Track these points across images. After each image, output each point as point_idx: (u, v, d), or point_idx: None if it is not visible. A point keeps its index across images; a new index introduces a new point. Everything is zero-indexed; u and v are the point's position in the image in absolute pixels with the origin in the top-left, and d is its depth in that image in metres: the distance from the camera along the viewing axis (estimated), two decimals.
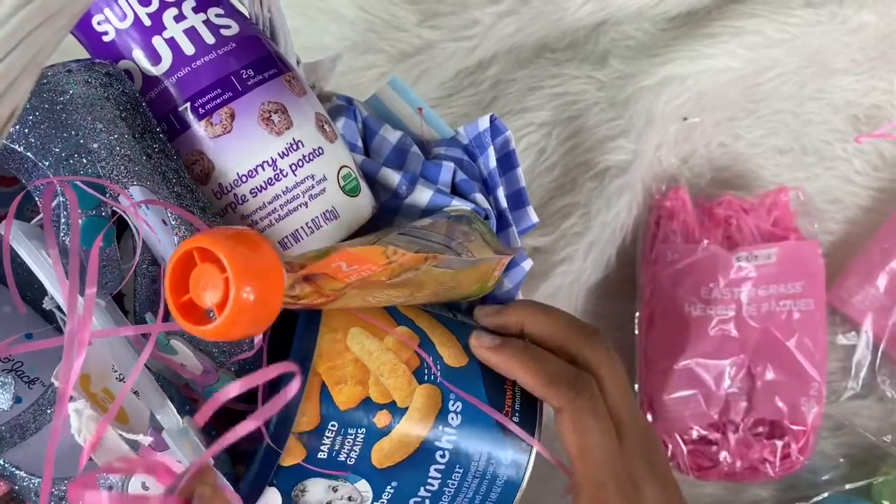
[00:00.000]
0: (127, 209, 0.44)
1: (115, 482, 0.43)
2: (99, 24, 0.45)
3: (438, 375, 0.46)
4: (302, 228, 0.48)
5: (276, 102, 0.46)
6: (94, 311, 0.42)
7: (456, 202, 0.51)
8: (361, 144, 0.53)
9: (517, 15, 0.69)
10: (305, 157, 0.47)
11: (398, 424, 0.45)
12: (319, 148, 0.47)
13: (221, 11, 0.47)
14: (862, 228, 0.71)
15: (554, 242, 0.68)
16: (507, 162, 0.53)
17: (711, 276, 0.66)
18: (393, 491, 0.45)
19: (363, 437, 0.44)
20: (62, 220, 0.43)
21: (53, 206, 0.44)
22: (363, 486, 0.45)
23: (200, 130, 0.46)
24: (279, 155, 0.46)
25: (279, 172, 0.46)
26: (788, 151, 0.71)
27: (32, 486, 0.44)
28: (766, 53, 0.68)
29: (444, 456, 0.46)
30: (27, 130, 0.42)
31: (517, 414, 0.48)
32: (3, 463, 0.44)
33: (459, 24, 0.68)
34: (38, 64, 0.26)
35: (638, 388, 0.68)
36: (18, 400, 0.45)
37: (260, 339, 0.44)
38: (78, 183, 0.43)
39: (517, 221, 0.53)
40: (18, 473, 0.44)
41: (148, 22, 0.45)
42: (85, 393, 0.40)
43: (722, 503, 0.70)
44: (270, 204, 0.47)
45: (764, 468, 0.65)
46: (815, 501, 0.67)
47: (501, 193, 0.53)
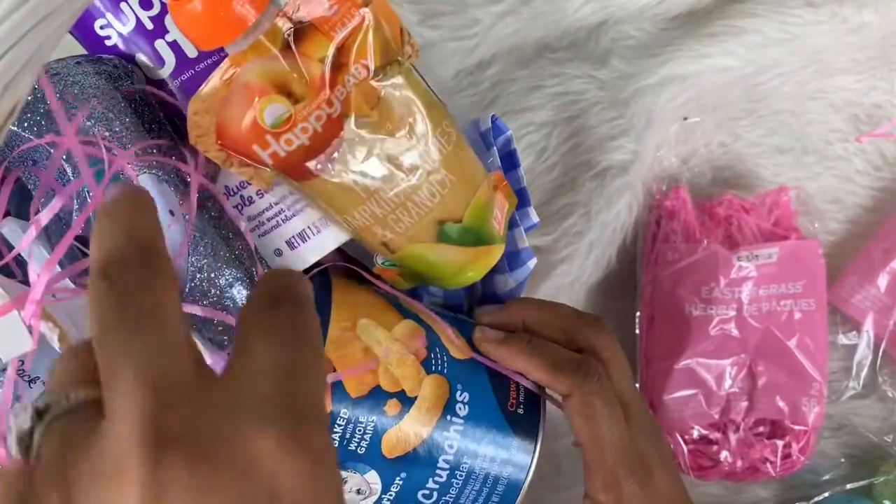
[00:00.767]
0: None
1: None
2: (101, 28, 0.45)
3: (445, 366, 0.46)
4: (309, 228, 0.48)
5: None
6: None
7: None
8: None
9: (517, 14, 0.68)
10: None
11: (408, 414, 0.45)
12: None
13: None
14: (863, 228, 0.71)
15: (554, 242, 0.68)
16: (508, 161, 0.53)
17: (712, 275, 0.66)
18: (402, 483, 0.45)
19: (374, 425, 0.44)
20: (74, 206, 0.43)
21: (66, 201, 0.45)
22: (372, 477, 0.45)
23: None
24: None
25: None
26: (789, 151, 0.71)
27: None
28: (766, 53, 0.68)
29: (452, 447, 0.46)
30: (39, 118, 0.43)
31: (522, 406, 0.48)
32: None
33: (460, 23, 0.68)
34: (38, 60, 0.26)
35: (638, 387, 0.68)
36: (18, 398, 0.45)
37: None
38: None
39: (522, 219, 0.53)
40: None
41: (150, 25, 0.45)
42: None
43: (722, 503, 0.70)
44: (277, 205, 0.47)
45: (765, 468, 0.65)
46: (816, 501, 0.67)
47: None
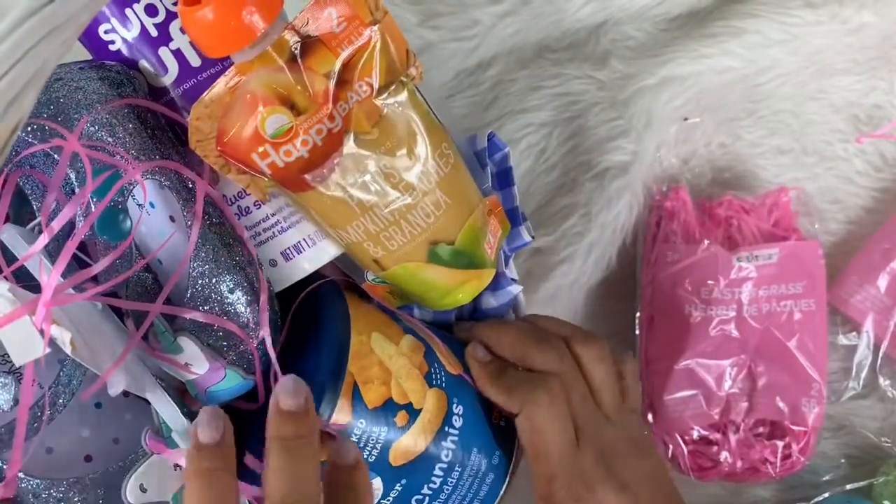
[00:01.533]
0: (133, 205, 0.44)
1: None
2: (106, 33, 0.45)
3: (443, 381, 0.48)
4: (304, 240, 0.48)
5: None
6: (91, 310, 0.43)
7: None
8: None
9: (517, 15, 0.68)
10: None
11: (414, 425, 0.46)
12: None
13: None
14: (863, 229, 0.71)
15: (554, 243, 0.68)
16: (503, 179, 0.54)
17: (712, 276, 0.66)
18: (400, 489, 0.47)
19: (385, 435, 0.46)
20: (78, 211, 0.43)
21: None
22: (376, 483, 0.46)
23: None
24: None
25: None
26: (789, 152, 0.71)
27: (31, 487, 0.44)
28: (766, 54, 0.68)
29: (447, 456, 0.48)
30: (43, 122, 0.43)
31: (503, 419, 0.51)
32: (2, 465, 0.44)
33: (460, 24, 0.68)
34: (42, 75, 0.26)
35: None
36: (16, 402, 0.45)
37: (267, 330, 0.45)
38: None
39: (511, 240, 0.53)
40: (18, 475, 0.44)
41: (155, 32, 0.45)
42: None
43: (722, 503, 0.70)
44: (273, 216, 0.47)
45: (765, 468, 0.65)
46: (816, 502, 0.67)
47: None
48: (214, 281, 0.44)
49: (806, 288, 0.65)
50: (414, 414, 0.46)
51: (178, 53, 0.45)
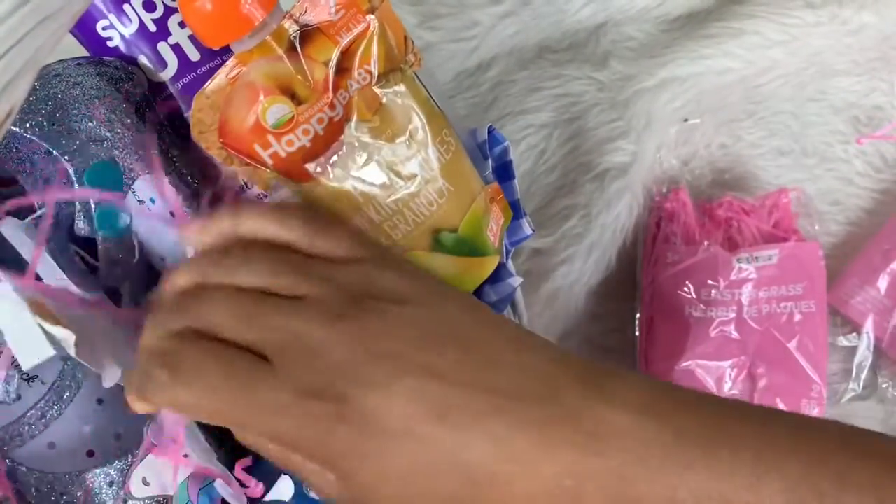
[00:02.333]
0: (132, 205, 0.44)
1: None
2: (104, 29, 0.45)
3: None
4: None
5: None
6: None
7: None
8: None
9: (517, 16, 0.69)
10: None
11: None
12: None
13: None
14: (863, 230, 0.71)
15: (555, 244, 0.68)
16: (504, 172, 0.53)
17: (712, 277, 0.66)
18: None
19: None
20: (77, 207, 0.43)
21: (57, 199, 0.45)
22: None
23: None
24: None
25: None
26: (789, 153, 0.71)
27: (32, 480, 0.44)
28: (765, 55, 0.68)
29: None
30: (41, 119, 0.43)
31: None
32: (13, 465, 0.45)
33: (459, 25, 0.68)
34: (37, 62, 0.26)
35: None
36: (19, 397, 0.45)
37: None
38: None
39: (512, 233, 0.53)
40: (20, 469, 0.44)
41: (153, 28, 0.45)
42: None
43: None
44: None
45: None
46: None
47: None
48: None
49: (806, 289, 0.65)
50: None
51: (176, 48, 0.45)
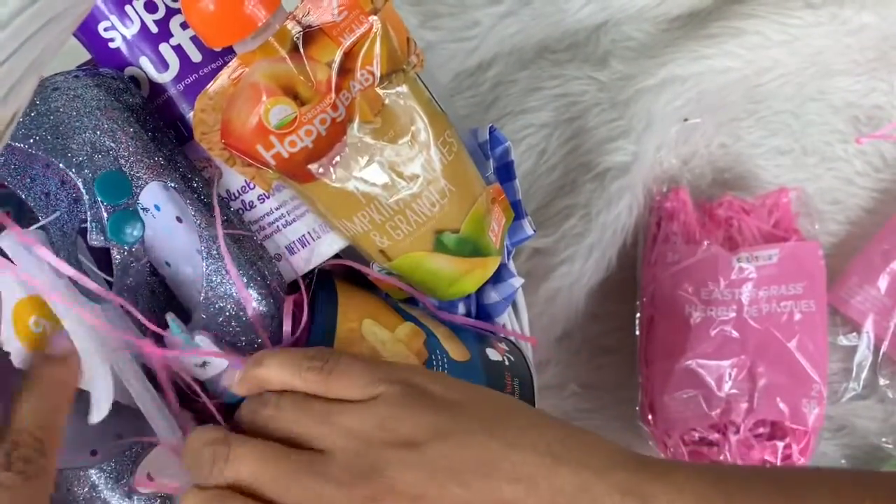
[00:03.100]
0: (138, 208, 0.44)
1: None
2: (105, 30, 0.45)
3: (445, 367, 0.47)
4: (309, 234, 0.48)
5: None
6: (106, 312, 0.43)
7: None
8: None
9: (517, 16, 0.68)
10: None
11: None
12: None
13: None
14: (863, 229, 0.71)
15: (555, 244, 0.68)
16: (505, 172, 0.53)
17: (712, 277, 0.66)
18: None
19: None
20: (88, 216, 0.43)
21: (62, 210, 0.45)
22: None
23: None
24: None
25: None
26: (789, 152, 0.71)
27: None
28: (766, 54, 0.68)
29: None
30: (45, 133, 0.42)
31: None
32: None
33: (459, 25, 0.68)
34: (41, 65, 0.26)
35: (639, 388, 0.68)
36: None
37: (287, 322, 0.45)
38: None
39: (513, 233, 0.53)
40: None
41: (155, 29, 0.45)
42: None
43: None
44: (278, 210, 0.47)
45: None
46: None
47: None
48: (227, 278, 0.44)
49: (806, 289, 0.65)
50: None
51: (178, 49, 0.45)
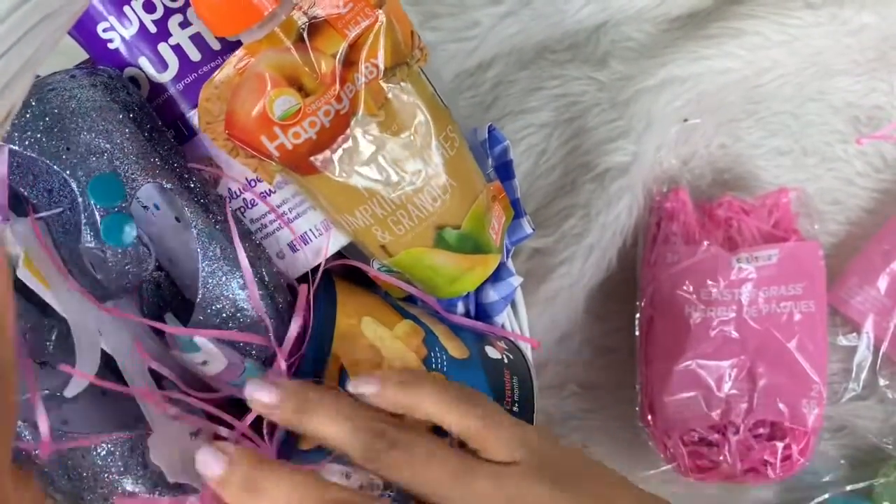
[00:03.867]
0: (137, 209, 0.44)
1: None
2: (104, 31, 0.45)
3: (445, 365, 0.47)
4: (310, 231, 0.48)
5: None
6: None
7: None
8: None
9: (517, 16, 0.68)
10: None
11: None
12: None
13: None
14: (863, 230, 0.70)
15: (554, 244, 0.68)
16: (504, 171, 0.53)
17: (712, 277, 0.66)
18: None
19: None
20: (82, 219, 0.43)
21: (64, 207, 0.45)
22: None
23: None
24: None
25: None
26: (789, 153, 0.71)
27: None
28: (766, 55, 0.68)
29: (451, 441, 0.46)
30: (39, 135, 0.42)
31: (517, 404, 0.49)
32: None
33: (459, 25, 0.68)
34: (35, 62, 0.26)
35: (639, 389, 0.68)
36: None
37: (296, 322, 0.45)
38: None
39: (512, 232, 0.53)
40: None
41: (153, 29, 0.45)
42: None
43: None
44: (280, 207, 0.47)
45: (764, 470, 0.65)
46: (817, 502, 0.67)
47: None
48: (225, 279, 0.44)
49: (806, 289, 0.65)
50: None
51: (177, 49, 0.45)
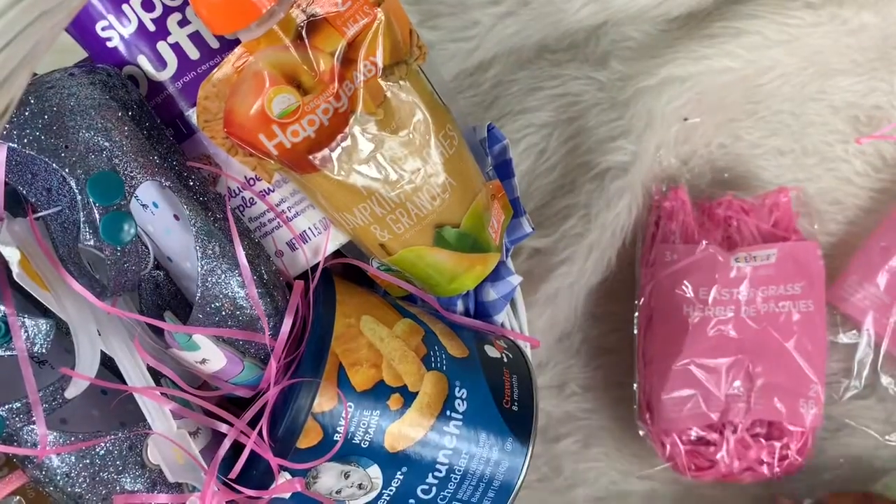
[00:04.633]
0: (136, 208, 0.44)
1: None
2: (103, 30, 0.45)
3: (444, 364, 0.47)
4: (309, 230, 0.48)
5: None
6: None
7: None
8: None
9: (517, 16, 0.69)
10: None
11: (410, 408, 0.45)
12: None
13: None
14: (862, 229, 0.70)
15: (554, 243, 0.68)
16: (504, 170, 0.53)
17: (710, 276, 0.66)
18: (402, 478, 0.46)
19: (377, 419, 0.45)
20: (81, 217, 0.43)
21: (63, 205, 0.45)
22: (374, 471, 0.45)
23: None
24: None
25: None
26: (789, 152, 0.71)
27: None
28: (766, 54, 0.68)
29: (451, 442, 0.47)
30: (38, 133, 0.42)
31: (516, 403, 0.49)
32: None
33: (459, 24, 0.68)
34: (34, 58, 0.26)
35: (637, 388, 0.68)
36: None
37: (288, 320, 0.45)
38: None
39: (512, 231, 0.53)
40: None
41: (152, 27, 0.45)
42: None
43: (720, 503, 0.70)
44: (279, 206, 0.47)
45: (761, 469, 0.65)
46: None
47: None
48: (224, 277, 0.44)
49: (805, 289, 0.65)
50: (409, 397, 0.45)
51: (176, 47, 0.45)
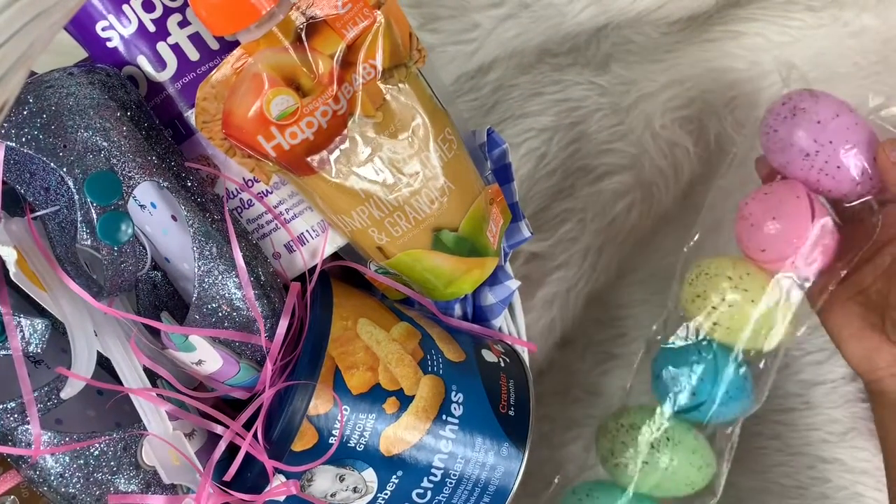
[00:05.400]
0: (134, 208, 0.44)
1: None
2: (103, 30, 0.45)
3: (441, 367, 0.47)
4: (307, 232, 0.48)
5: None
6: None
7: None
8: None
9: (518, 19, 0.68)
10: None
11: (406, 412, 0.45)
12: None
13: None
14: None
15: (552, 248, 0.68)
16: (503, 175, 0.53)
17: None
18: (397, 482, 0.46)
19: (373, 422, 0.45)
20: (78, 217, 0.43)
21: (61, 204, 0.45)
22: (370, 475, 0.45)
23: None
24: None
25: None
26: None
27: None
28: (767, 57, 0.68)
29: (447, 446, 0.47)
30: (36, 132, 0.42)
31: (512, 408, 0.49)
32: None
33: (460, 27, 0.68)
34: (30, 57, 0.26)
35: None
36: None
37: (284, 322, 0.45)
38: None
39: (510, 235, 0.53)
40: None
41: (152, 28, 0.45)
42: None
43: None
44: (276, 208, 0.47)
45: None
46: None
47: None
48: (221, 279, 0.44)
49: None
50: (406, 401, 0.45)
51: (175, 48, 0.45)
